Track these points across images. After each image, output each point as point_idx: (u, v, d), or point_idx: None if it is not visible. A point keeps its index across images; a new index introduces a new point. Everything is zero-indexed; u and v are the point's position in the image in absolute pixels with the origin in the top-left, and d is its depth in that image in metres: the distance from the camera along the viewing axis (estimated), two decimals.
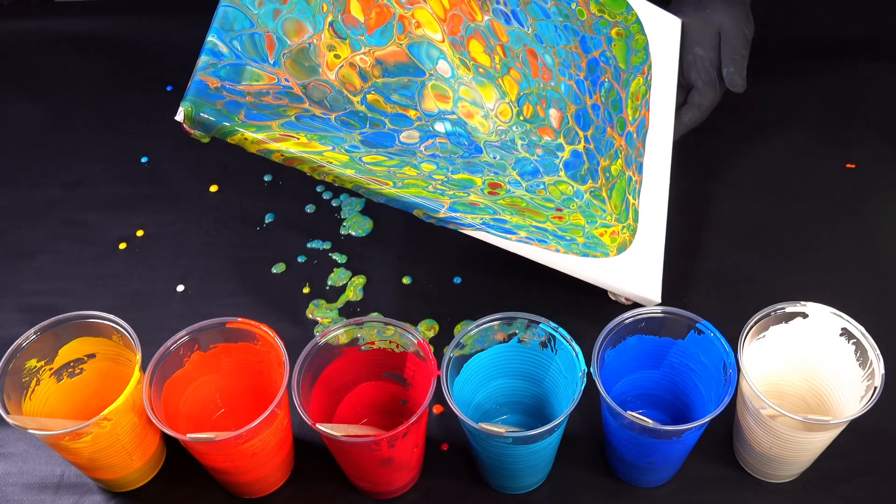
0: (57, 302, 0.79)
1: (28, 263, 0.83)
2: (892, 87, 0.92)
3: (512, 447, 0.62)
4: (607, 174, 0.80)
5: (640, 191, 0.81)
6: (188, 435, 0.61)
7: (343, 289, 0.80)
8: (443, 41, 0.77)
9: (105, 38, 1.01)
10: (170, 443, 0.72)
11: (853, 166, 0.86)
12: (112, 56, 0.99)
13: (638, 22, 0.87)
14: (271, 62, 0.71)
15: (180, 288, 0.81)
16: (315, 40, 0.73)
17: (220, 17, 0.71)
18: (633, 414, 0.61)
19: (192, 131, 0.68)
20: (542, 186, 0.77)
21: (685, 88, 0.86)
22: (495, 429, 0.61)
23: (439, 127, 0.76)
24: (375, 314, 0.78)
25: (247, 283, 0.81)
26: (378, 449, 0.62)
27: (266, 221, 0.85)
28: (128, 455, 0.67)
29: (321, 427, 0.61)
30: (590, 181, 0.78)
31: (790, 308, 0.66)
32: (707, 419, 0.60)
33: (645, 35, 0.87)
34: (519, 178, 0.77)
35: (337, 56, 0.73)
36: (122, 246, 0.84)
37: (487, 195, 0.75)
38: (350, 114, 0.73)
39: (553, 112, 0.80)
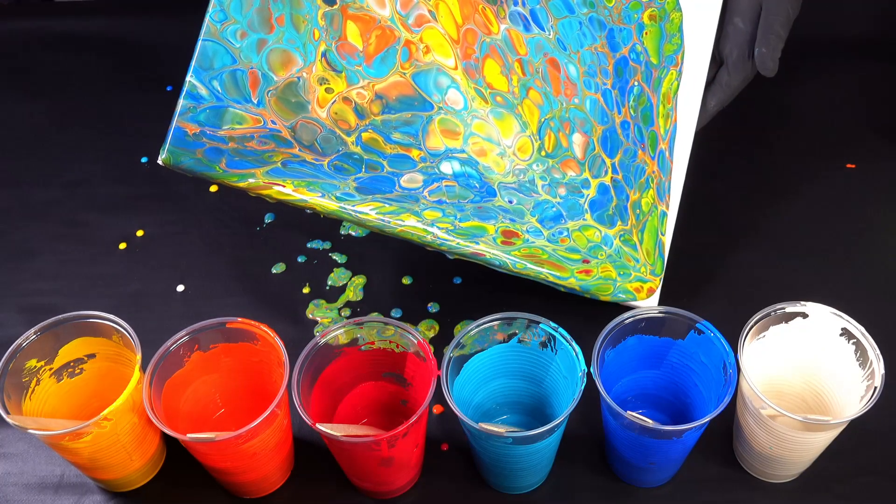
0: (57, 302, 0.79)
1: (28, 263, 0.83)
2: (892, 87, 0.92)
3: (512, 447, 0.62)
4: (637, 210, 0.75)
5: (667, 217, 0.76)
6: (188, 435, 0.61)
7: (343, 289, 0.80)
8: (455, 68, 0.71)
9: (105, 38, 1.01)
10: (170, 443, 0.72)
11: (853, 166, 0.86)
12: (112, 56, 0.99)
13: None
14: (255, 102, 0.67)
15: (180, 288, 0.81)
16: (304, 74, 0.68)
17: (199, 54, 0.66)
18: (633, 414, 0.61)
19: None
20: (565, 234, 0.72)
21: (717, 62, 0.78)
22: (495, 429, 0.61)
23: (446, 168, 0.71)
24: (375, 314, 0.78)
25: (247, 283, 0.81)
26: (378, 449, 0.62)
27: (266, 221, 0.85)
28: (128, 455, 0.67)
29: (321, 427, 0.61)
30: (619, 223, 0.74)
31: (790, 308, 0.66)
32: (707, 419, 0.60)
33: (681, 11, 0.77)
34: (539, 226, 0.72)
35: (329, 90, 0.68)
36: (122, 246, 0.84)
37: (500, 245, 0.72)
38: (343, 157, 0.68)
39: (577, 138, 0.74)
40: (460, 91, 0.71)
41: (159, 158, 0.65)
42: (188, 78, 0.65)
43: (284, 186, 0.67)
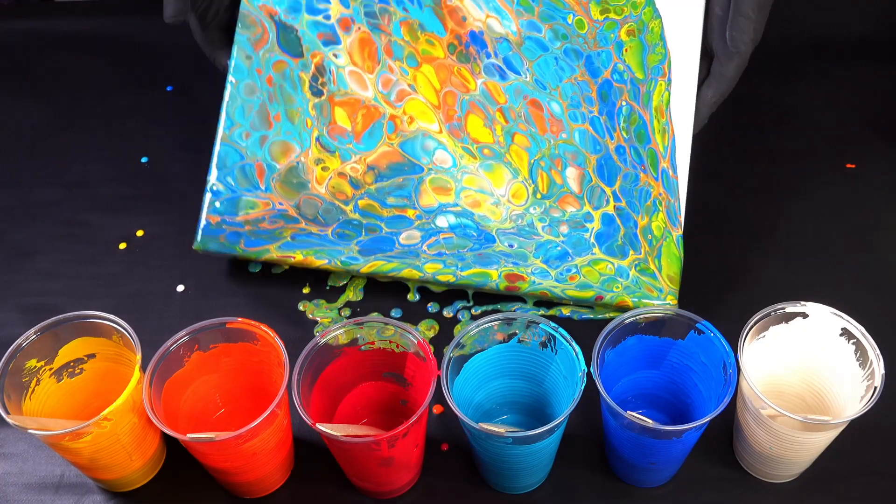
0: (57, 302, 0.79)
1: (28, 263, 0.83)
2: (892, 87, 0.92)
3: (512, 447, 0.62)
4: (649, 236, 0.74)
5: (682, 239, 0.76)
6: (188, 435, 0.61)
7: (343, 289, 0.80)
8: (440, 131, 0.76)
9: (105, 38, 1.01)
10: (170, 443, 0.72)
11: (853, 166, 0.86)
12: (112, 56, 0.99)
13: (649, 4, 0.76)
14: (263, 188, 0.76)
15: (180, 288, 0.81)
16: (302, 158, 0.76)
17: (216, 156, 0.77)
18: (633, 414, 0.60)
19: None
20: (574, 271, 0.72)
21: (709, 56, 0.77)
22: (495, 429, 0.61)
23: (441, 222, 0.74)
24: (375, 314, 0.78)
25: (247, 283, 0.81)
26: (378, 449, 0.62)
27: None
28: (128, 455, 0.67)
29: (321, 427, 0.61)
30: (631, 252, 0.73)
31: (790, 308, 0.66)
32: (707, 419, 0.60)
33: (659, 18, 0.76)
34: (544, 266, 0.72)
35: (325, 169, 0.76)
36: (122, 246, 0.84)
37: (504, 291, 0.74)
38: (344, 224, 0.75)
39: (570, 172, 0.74)
40: (447, 151, 0.76)
41: (193, 246, 0.77)
42: (210, 178, 0.77)
43: (295, 258, 0.75)
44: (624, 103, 0.76)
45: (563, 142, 0.75)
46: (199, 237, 0.77)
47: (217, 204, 0.76)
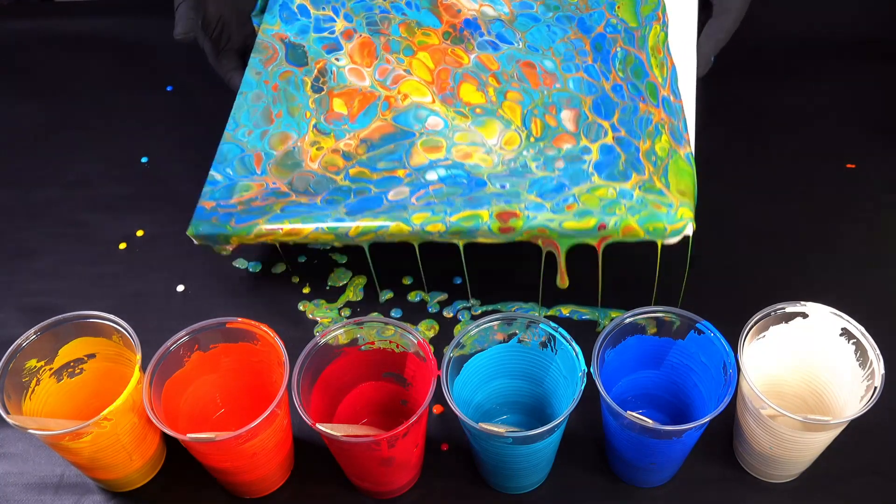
0: (57, 302, 0.79)
1: (28, 263, 0.83)
2: (892, 87, 0.92)
3: (512, 447, 0.62)
4: (653, 157, 0.69)
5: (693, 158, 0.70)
6: (188, 435, 0.61)
7: (343, 289, 0.80)
8: (433, 101, 0.76)
9: (105, 38, 1.01)
10: (170, 443, 0.72)
11: (853, 166, 0.86)
12: (112, 56, 0.99)
13: None
14: (258, 172, 0.76)
15: (180, 288, 0.81)
16: (299, 143, 0.77)
17: (219, 153, 0.78)
18: (633, 414, 0.60)
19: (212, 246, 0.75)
20: (572, 199, 0.68)
21: (708, 6, 0.76)
22: (495, 429, 0.61)
23: (431, 176, 0.73)
24: (375, 314, 0.78)
25: (247, 282, 0.81)
26: (378, 449, 0.62)
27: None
28: (128, 455, 0.67)
29: (321, 427, 0.61)
30: (634, 175, 0.68)
31: (790, 308, 0.66)
32: (707, 419, 0.60)
33: None
34: (539, 199, 0.68)
35: (320, 148, 0.76)
36: (122, 246, 0.84)
37: (498, 233, 0.69)
38: (334, 191, 0.74)
39: (566, 114, 0.71)
40: (440, 116, 0.75)
41: (187, 232, 0.75)
42: (210, 172, 0.77)
43: (283, 228, 0.73)
44: (619, 49, 0.74)
45: (556, 91, 0.73)
46: (192, 222, 0.75)
47: (213, 191, 0.76)
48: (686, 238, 0.69)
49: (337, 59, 0.79)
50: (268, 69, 0.81)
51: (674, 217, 0.69)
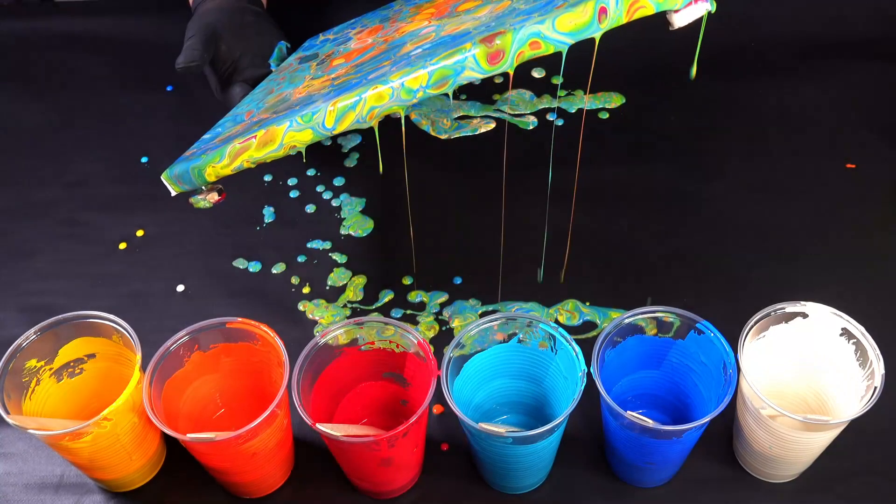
0: (57, 302, 0.79)
1: (28, 263, 0.83)
2: (892, 87, 0.92)
3: (512, 447, 0.62)
4: None
5: None
6: (188, 435, 0.61)
7: (343, 289, 0.80)
8: (429, 23, 0.72)
9: (105, 38, 1.01)
10: (170, 443, 0.72)
11: (853, 166, 0.86)
12: (112, 56, 0.99)
13: None
14: (246, 119, 0.72)
15: (180, 288, 0.81)
16: (292, 91, 0.73)
17: (215, 126, 0.75)
18: (633, 414, 0.60)
19: (190, 199, 0.71)
20: (560, 2, 0.61)
21: None
22: (495, 429, 0.61)
23: (415, 52, 0.66)
24: (375, 314, 0.78)
25: (247, 282, 0.81)
26: (378, 449, 0.62)
27: (266, 221, 0.85)
28: (128, 455, 0.67)
29: (321, 427, 0.61)
30: None
31: (790, 308, 0.66)
32: (707, 419, 0.60)
33: None
34: (525, 18, 0.61)
35: (310, 85, 0.72)
36: (122, 246, 0.84)
37: (486, 63, 0.60)
38: (314, 99, 0.67)
39: None
40: (433, 27, 0.69)
41: (161, 176, 0.70)
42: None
43: (257, 136, 0.65)
44: None
45: None
46: (167, 169, 0.70)
47: (197, 145, 0.73)
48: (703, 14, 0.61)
49: (346, 42, 0.78)
50: (277, 76, 0.80)
51: None
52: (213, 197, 0.70)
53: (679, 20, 0.61)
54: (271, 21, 0.86)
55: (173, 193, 0.70)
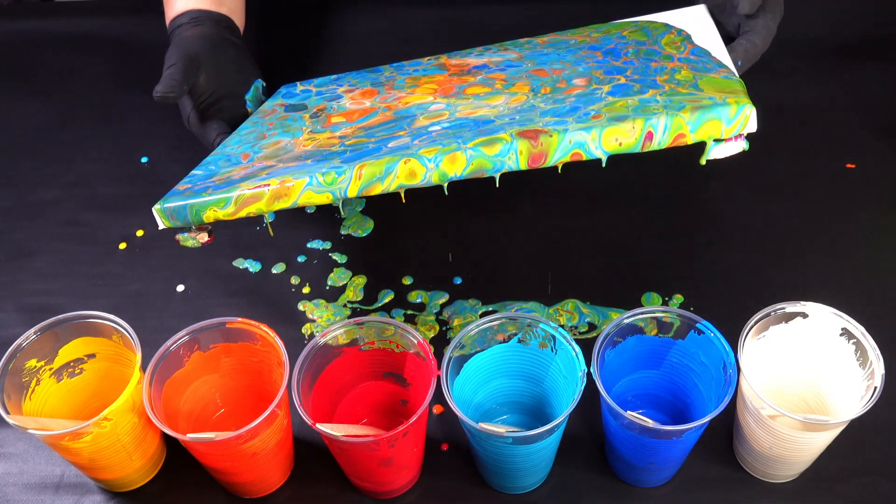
0: (57, 302, 0.79)
1: (28, 263, 0.83)
2: (892, 87, 0.92)
3: (512, 447, 0.62)
4: (672, 79, 0.63)
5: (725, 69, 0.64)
6: (188, 435, 0.61)
7: (343, 289, 0.80)
8: (435, 99, 0.72)
9: (105, 38, 1.01)
10: (170, 443, 0.72)
11: (853, 166, 0.86)
12: (112, 56, 0.99)
13: (650, 24, 0.75)
14: (244, 162, 0.70)
15: (180, 288, 0.81)
16: (293, 141, 0.72)
17: (202, 163, 0.74)
18: (633, 414, 0.60)
19: (177, 236, 0.69)
20: (594, 112, 0.61)
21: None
22: (495, 429, 0.61)
23: (434, 129, 0.66)
24: (375, 314, 0.78)
25: (247, 283, 0.81)
26: (378, 449, 0.62)
27: (266, 221, 0.85)
28: (128, 455, 0.67)
29: (321, 427, 0.61)
30: (650, 90, 0.62)
31: (790, 308, 0.66)
32: (707, 419, 0.60)
33: (665, 24, 0.73)
34: (556, 119, 0.61)
35: (314, 140, 0.71)
36: (122, 246, 0.84)
37: (529, 161, 0.61)
38: (327, 155, 0.67)
39: (577, 81, 0.66)
40: (442, 103, 0.70)
41: (153, 207, 0.67)
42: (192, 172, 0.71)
43: (270, 184, 0.64)
44: (631, 50, 0.70)
45: (567, 73, 0.68)
46: (160, 200, 0.68)
47: (193, 180, 0.70)
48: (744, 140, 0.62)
49: (338, 100, 0.77)
50: (265, 120, 0.78)
51: (728, 110, 0.58)
52: (203, 237, 0.68)
53: (715, 154, 0.63)
54: (250, 58, 0.85)
55: (161, 227, 0.68)
